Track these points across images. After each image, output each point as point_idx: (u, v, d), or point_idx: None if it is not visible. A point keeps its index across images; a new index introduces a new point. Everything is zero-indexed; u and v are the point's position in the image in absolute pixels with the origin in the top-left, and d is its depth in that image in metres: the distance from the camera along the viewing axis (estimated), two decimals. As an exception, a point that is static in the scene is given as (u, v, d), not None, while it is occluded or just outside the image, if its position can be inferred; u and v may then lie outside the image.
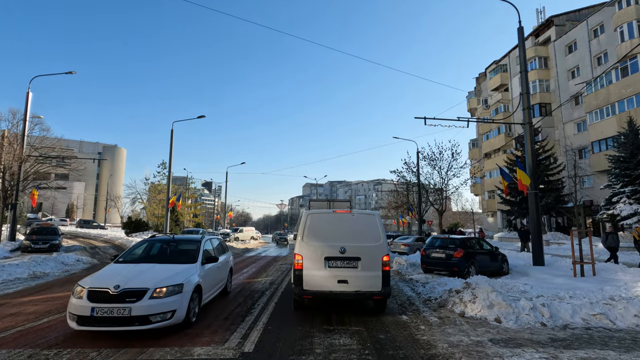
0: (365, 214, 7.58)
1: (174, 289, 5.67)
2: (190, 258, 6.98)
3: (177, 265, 6.57)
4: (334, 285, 6.85)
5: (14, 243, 21.98)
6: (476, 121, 21.70)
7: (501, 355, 4.87)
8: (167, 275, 5.94)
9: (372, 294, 6.87)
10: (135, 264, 6.63)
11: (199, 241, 7.64)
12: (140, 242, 7.89)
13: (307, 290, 6.88)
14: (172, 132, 28.12)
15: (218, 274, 7.89)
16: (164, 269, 6.26)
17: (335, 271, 6.90)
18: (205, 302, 6.93)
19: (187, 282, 6.00)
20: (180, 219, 43.66)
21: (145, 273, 6.02)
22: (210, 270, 7.26)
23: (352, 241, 7.01)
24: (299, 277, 6.91)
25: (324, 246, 7.00)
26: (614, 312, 6.73)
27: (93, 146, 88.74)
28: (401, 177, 36.62)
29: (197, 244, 7.52)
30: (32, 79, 23.33)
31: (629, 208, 22.65)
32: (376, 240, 7.07)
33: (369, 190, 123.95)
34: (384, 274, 6.88)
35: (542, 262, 13.75)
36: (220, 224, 61.13)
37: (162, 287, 5.58)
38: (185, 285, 5.88)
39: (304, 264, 6.94)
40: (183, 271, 6.26)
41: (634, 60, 27.68)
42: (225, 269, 8.65)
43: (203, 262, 7.04)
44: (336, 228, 7.21)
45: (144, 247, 7.61)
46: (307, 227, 7.23)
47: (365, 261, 6.92)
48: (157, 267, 6.39)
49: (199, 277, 6.50)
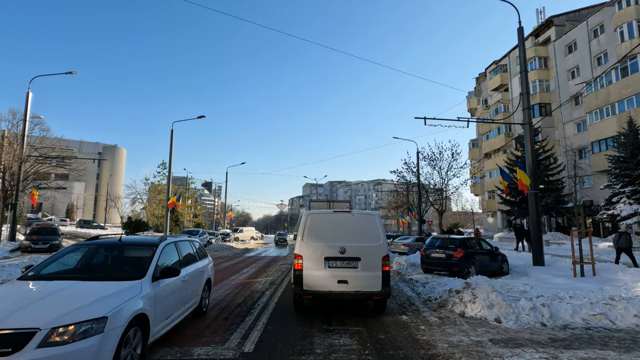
0: (365, 214, 7.54)
1: (89, 328, 3.47)
2: (137, 271, 4.76)
3: (112, 283, 4.31)
4: (334, 285, 6.81)
5: (14, 243, 21.99)
6: (476, 121, 21.73)
7: (501, 355, 4.87)
8: (82, 303, 3.71)
9: (372, 294, 6.85)
10: (47, 282, 4.38)
11: (155, 246, 5.40)
12: (70, 246, 5.54)
13: (307, 290, 6.85)
14: (172, 132, 28.14)
15: (184, 290, 5.71)
16: (84, 291, 4.05)
17: (335, 271, 6.86)
18: (159, 335, 4.83)
19: (116, 313, 3.75)
20: (180, 219, 43.69)
21: (45, 299, 3.82)
22: (169, 287, 5.09)
23: (352, 241, 6.97)
24: (299, 277, 6.87)
25: (324, 246, 6.96)
26: (614, 312, 6.73)
27: (93, 146, 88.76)
28: (401, 177, 36.59)
29: (152, 250, 5.28)
30: (32, 79, 23.35)
31: (629, 208, 22.66)
32: (376, 241, 7.03)
33: (369, 191, 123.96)
34: (384, 274, 6.85)
35: (542, 262, 13.76)
36: (220, 224, 61.17)
37: (65, 326, 3.38)
38: (112, 319, 3.65)
39: (304, 264, 6.89)
40: (115, 294, 4.03)
41: (634, 61, 27.68)
42: (197, 281, 6.45)
43: (157, 276, 4.84)
44: (336, 228, 7.16)
45: (74, 255, 5.36)
46: (307, 228, 7.19)
47: (365, 261, 6.88)
48: (75, 288, 4.15)
49: (145, 300, 4.34)
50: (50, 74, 32.33)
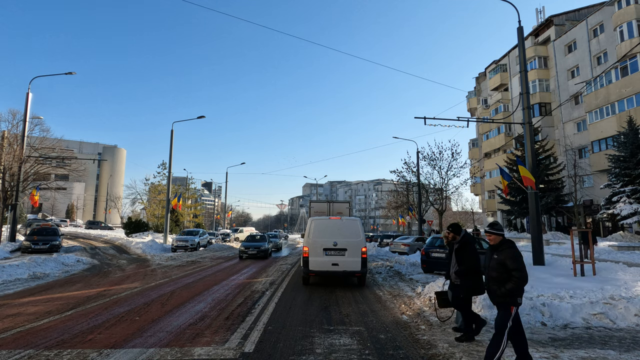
0: (350, 219, 10.84)
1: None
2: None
3: None
4: (329, 266, 10.13)
5: (14, 244, 21.99)
6: (476, 121, 21.71)
7: (501, 354, 4.86)
8: None
9: (354, 272, 10.20)
10: None
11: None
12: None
13: (312, 270, 10.20)
14: (172, 133, 28.14)
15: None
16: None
17: (330, 257, 10.14)
18: None
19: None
20: (180, 220, 43.68)
21: None
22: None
23: (341, 238, 10.22)
24: (306, 261, 10.19)
25: (323, 241, 10.22)
26: (615, 312, 6.72)
27: (93, 146, 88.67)
28: (401, 177, 36.60)
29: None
30: (32, 80, 23.37)
31: (629, 207, 22.65)
32: (357, 237, 10.34)
33: (369, 190, 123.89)
34: (362, 259, 10.14)
35: (542, 261, 13.74)
36: (220, 224, 61.15)
37: None
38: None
39: (309, 253, 10.22)
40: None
41: (634, 60, 27.68)
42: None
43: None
44: (331, 229, 10.37)
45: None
46: (311, 229, 10.44)
47: (350, 251, 10.16)
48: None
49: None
50: (50, 74, 32.34)
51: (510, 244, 4.38)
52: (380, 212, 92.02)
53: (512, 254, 4.23)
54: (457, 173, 35.57)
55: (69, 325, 6.19)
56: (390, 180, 54.65)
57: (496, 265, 4.34)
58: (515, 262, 4.17)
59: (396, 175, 36.83)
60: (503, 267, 4.24)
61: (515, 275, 4.12)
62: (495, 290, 4.29)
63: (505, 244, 4.39)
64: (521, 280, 4.10)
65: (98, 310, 7.33)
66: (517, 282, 4.10)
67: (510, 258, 4.21)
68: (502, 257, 4.28)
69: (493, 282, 4.35)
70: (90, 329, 6.00)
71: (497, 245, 4.46)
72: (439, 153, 32.58)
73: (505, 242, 4.43)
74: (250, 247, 20.29)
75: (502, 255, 4.30)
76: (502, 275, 4.24)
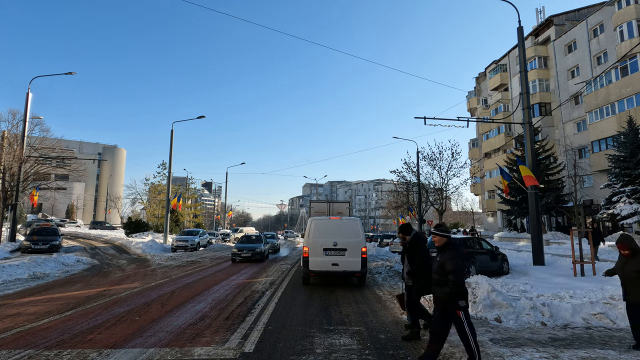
0: (350, 219, 10.71)
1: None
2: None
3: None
4: (329, 266, 10.01)
5: (14, 244, 22.00)
6: (476, 121, 21.72)
7: (501, 354, 4.87)
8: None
9: (354, 272, 10.07)
10: None
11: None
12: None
13: (312, 270, 10.07)
14: (172, 133, 28.13)
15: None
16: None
17: (330, 257, 10.01)
18: None
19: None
20: (180, 220, 43.67)
21: None
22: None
23: (341, 238, 10.08)
24: (306, 261, 10.07)
25: (323, 241, 10.10)
26: (615, 312, 6.72)
27: (93, 147, 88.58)
28: (401, 177, 36.56)
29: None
30: (32, 80, 23.38)
31: (629, 207, 22.63)
32: (357, 237, 10.20)
33: (369, 190, 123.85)
34: (363, 259, 10.00)
35: (542, 261, 13.75)
36: (220, 224, 61.14)
37: None
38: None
39: (309, 253, 10.10)
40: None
41: (634, 60, 27.67)
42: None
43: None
44: (331, 229, 10.23)
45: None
46: (311, 229, 10.32)
47: (350, 251, 10.01)
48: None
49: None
50: (50, 74, 32.34)
51: (452, 246, 4.26)
52: (380, 212, 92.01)
53: (451, 256, 4.14)
54: (457, 173, 35.63)
55: (69, 325, 6.19)
56: (390, 180, 54.65)
57: (437, 268, 4.25)
58: (453, 264, 4.07)
59: (396, 175, 36.84)
60: (444, 270, 4.15)
61: (450, 279, 4.03)
62: (436, 292, 4.22)
63: (449, 245, 4.29)
64: (457, 285, 4.00)
65: (98, 310, 7.33)
66: (452, 286, 4.01)
67: (449, 260, 4.12)
68: (443, 260, 4.20)
69: (435, 285, 4.27)
70: (90, 329, 6.01)
71: (441, 247, 4.35)
72: (439, 153, 32.62)
73: (449, 244, 4.31)
74: (244, 249, 18.09)
75: (443, 258, 4.22)
76: (442, 278, 4.16)
